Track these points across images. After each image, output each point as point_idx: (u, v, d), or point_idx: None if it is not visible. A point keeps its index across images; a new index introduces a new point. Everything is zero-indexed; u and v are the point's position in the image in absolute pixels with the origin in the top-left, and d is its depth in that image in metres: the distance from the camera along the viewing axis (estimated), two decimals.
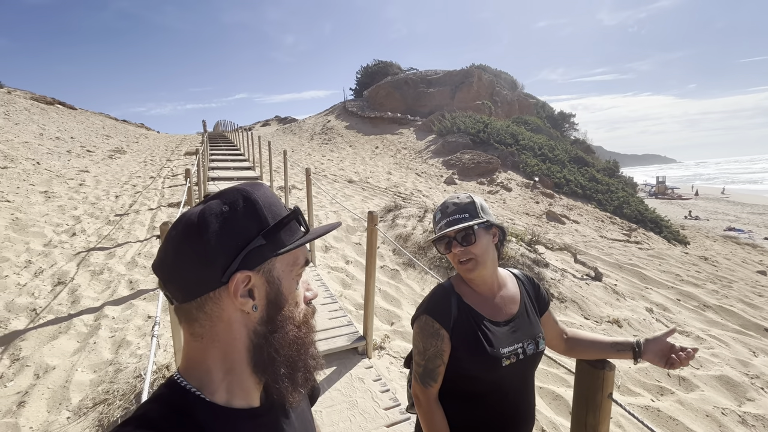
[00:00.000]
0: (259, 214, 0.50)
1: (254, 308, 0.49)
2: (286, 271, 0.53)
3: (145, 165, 11.54)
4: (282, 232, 0.52)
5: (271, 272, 0.51)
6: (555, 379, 3.26)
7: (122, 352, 2.93)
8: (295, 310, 0.54)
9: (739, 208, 28.25)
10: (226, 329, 0.49)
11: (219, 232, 0.47)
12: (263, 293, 0.51)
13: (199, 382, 0.49)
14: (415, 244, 5.83)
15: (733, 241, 15.42)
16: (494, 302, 1.08)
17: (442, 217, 1.06)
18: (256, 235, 0.49)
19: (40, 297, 3.70)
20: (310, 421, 0.66)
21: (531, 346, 1.06)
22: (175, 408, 0.47)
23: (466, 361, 1.01)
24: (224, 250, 0.47)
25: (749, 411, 3.09)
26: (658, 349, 1.02)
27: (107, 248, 5.01)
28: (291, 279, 0.53)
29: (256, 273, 0.49)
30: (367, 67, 32.99)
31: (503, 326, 1.05)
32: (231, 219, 0.48)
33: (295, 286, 0.54)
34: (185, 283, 0.48)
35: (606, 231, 12.36)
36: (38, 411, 2.37)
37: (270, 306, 0.51)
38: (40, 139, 11.40)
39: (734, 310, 5.31)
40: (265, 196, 0.53)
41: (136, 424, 0.44)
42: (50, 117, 15.29)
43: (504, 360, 1.00)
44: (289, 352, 0.52)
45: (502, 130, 20.50)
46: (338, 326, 3.28)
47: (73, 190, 7.51)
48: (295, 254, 0.54)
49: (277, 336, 0.51)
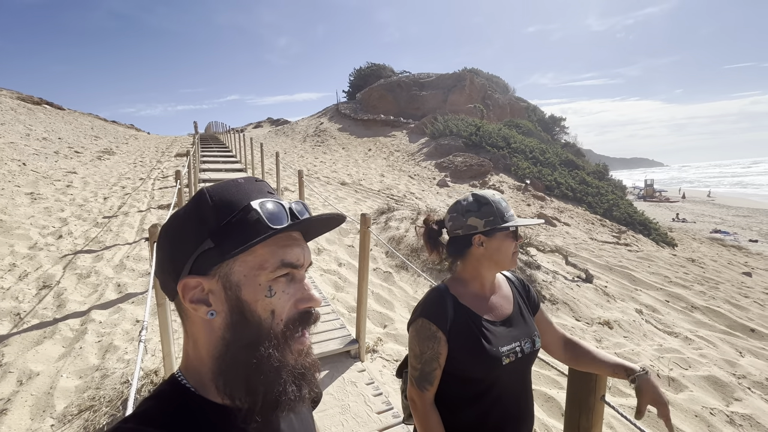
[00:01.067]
0: (208, 214, 0.47)
1: (210, 315, 0.47)
2: (249, 276, 0.47)
3: (135, 166, 11.38)
4: (234, 233, 0.46)
5: (229, 277, 0.47)
6: (547, 380, 3.27)
7: (109, 358, 2.87)
8: (268, 322, 0.48)
9: (725, 210, 28.86)
10: (198, 331, 0.49)
11: (174, 236, 0.49)
12: (222, 299, 0.47)
13: (195, 380, 0.49)
14: (408, 246, 5.83)
15: (719, 243, 15.73)
16: (490, 302, 1.09)
17: (508, 207, 1.09)
18: (206, 238, 0.46)
19: (24, 301, 3.61)
20: (310, 424, 0.64)
21: (528, 345, 1.07)
22: (175, 405, 0.46)
23: (466, 361, 1.01)
24: (178, 254, 0.48)
25: (737, 411, 3.14)
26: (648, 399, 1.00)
27: (95, 251, 4.91)
28: (257, 285, 0.47)
29: (210, 278, 0.47)
30: (360, 69, 33.05)
31: (500, 325, 1.06)
32: (183, 222, 0.48)
33: (264, 293, 0.47)
34: (162, 283, 0.50)
35: (596, 233, 12.51)
36: (21, 418, 2.31)
37: (233, 313, 0.47)
38: (27, 140, 11.17)
39: (721, 311, 5.40)
40: (224, 193, 0.48)
41: (137, 420, 0.43)
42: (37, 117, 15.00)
43: (504, 358, 1.01)
44: (247, 371, 0.46)
45: (495, 133, 20.67)
46: (331, 329, 3.25)
47: (60, 192, 7.36)
48: (262, 256, 0.47)
49: (236, 348, 0.47)
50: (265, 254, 0.48)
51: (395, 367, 3.17)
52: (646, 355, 3.90)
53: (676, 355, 3.95)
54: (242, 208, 0.47)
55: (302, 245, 0.52)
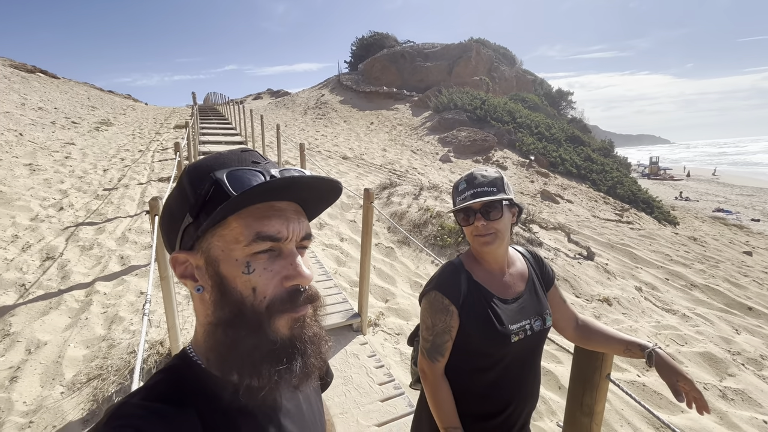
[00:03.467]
0: (186, 190, 0.47)
1: (197, 290, 0.47)
2: (226, 251, 0.45)
3: (134, 138, 11.21)
4: (207, 206, 0.44)
5: (209, 252, 0.46)
6: (546, 355, 3.33)
7: (115, 328, 2.92)
8: (250, 299, 0.45)
9: (729, 189, 28.64)
10: (197, 306, 0.49)
11: (165, 213, 0.50)
12: (206, 275, 0.47)
13: (203, 355, 0.49)
14: (410, 221, 5.81)
15: (721, 222, 15.70)
16: (503, 280, 1.08)
17: (467, 188, 1.03)
18: (185, 214, 0.46)
19: (28, 272, 3.64)
20: (319, 407, 0.64)
21: (538, 323, 1.06)
22: (184, 379, 0.47)
23: (476, 337, 1.02)
24: (169, 231, 0.49)
25: (729, 386, 3.21)
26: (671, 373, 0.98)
27: (96, 223, 4.91)
28: (233, 260, 0.45)
29: (195, 254, 0.47)
30: (362, 38, 31.94)
31: (511, 303, 1.05)
32: (173, 198, 0.49)
33: (242, 268, 0.45)
34: None
35: (599, 211, 12.47)
36: (31, 386, 2.36)
37: (215, 289, 0.46)
38: (22, 109, 10.96)
39: (720, 289, 5.44)
40: (204, 166, 0.47)
41: (144, 394, 0.44)
42: (32, 86, 14.65)
43: (513, 336, 1.01)
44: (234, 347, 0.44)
45: (500, 108, 20.21)
46: (333, 303, 3.28)
47: (59, 163, 7.28)
48: (237, 229, 0.45)
49: (221, 324, 0.45)
50: (240, 227, 0.45)
51: (396, 340, 3.23)
52: (643, 332, 3.96)
53: (673, 332, 4.00)
54: (210, 182, 0.45)
55: (286, 216, 0.47)
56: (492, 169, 1.07)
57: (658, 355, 1.00)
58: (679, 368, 0.97)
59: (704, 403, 0.93)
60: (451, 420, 1.02)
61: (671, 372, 0.97)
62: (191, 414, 0.43)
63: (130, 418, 0.40)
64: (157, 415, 0.41)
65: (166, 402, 0.43)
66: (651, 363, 1.01)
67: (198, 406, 0.44)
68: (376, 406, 2.28)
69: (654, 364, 1.00)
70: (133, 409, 0.41)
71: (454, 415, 1.02)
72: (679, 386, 0.96)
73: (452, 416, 1.02)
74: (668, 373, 0.97)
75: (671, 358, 1.00)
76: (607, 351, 1.13)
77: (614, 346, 1.08)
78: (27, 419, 2.11)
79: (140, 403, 0.42)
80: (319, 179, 0.47)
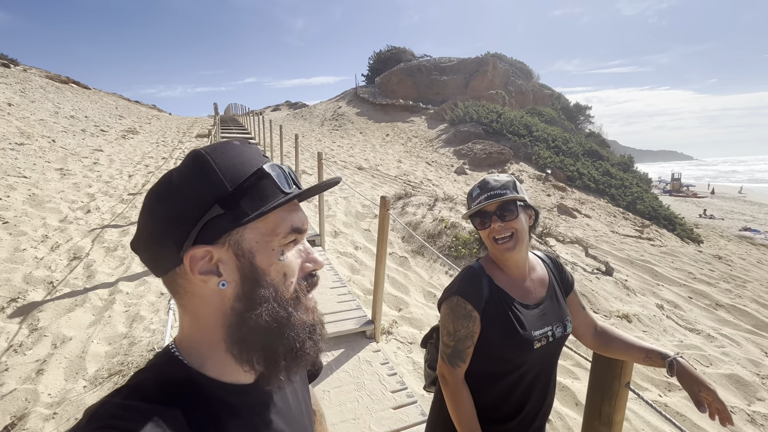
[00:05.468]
0: (213, 179, 0.44)
1: (222, 285, 0.45)
2: (261, 242, 0.46)
3: (158, 146, 11.63)
4: (245, 198, 0.44)
5: (240, 244, 0.45)
6: (562, 370, 3.25)
7: (136, 326, 3.00)
8: (281, 286, 0.47)
9: (756, 208, 27.55)
10: (202, 304, 0.46)
11: (169, 204, 0.44)
12: (233, 268, 0.45)
13: (189, 354, 0.47)
14: (424, 232, 5.81)
15: (748, 242, 15.09)
16: (524, 285, 1.07)
17: (481, 192, 1.04)
18: (212, 204, 0.43)
19: (56, 271, 3.79)
20: (306, 396, 0.64)
21: (559, 329, 1.05)
22: (168, 378, 0.45)
23: (498, 343, 1.01)
24: (177, 224, 0.43)
25: (759, 410, 3.06)
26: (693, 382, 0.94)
27: (121, 226, 5.09)
28: (270, 250, 0.46)
29: (219, 247, 0.44)
30: (379, 53, 32.55)
31: (533, 309, 1.04)
32: (180, 189, 0.44)
33: (278, 257, 0.47)
34: (152, 259, 0.46)
35: (618, 226, 12.18)
36: (56, 379, 2.45)
37: (245, 282, 0.45)
38: (56, 117, 11.53)
39: (747, 309, 5.21)
40: (226, 156, 0.45)
41: (126, 393, 0.42)
42: (65, 96, 15.43)
43: (536, 342, 1.00)
44: (267, 336, 0.46)
45: (516, 121, 20.15)
46: (347, 309, 3.30)
47: (87, 169, 7.61)
48: (274, 221, 0.46)
49: (253, 315, 0.45)
50: (277, 220, 0.47)
51: (410, 349, 3.21)
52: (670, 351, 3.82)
53: (697, 352, 3.85)
54: (254, 172, 0.45)
55: (301, 210, 0.52)
56: (504, 175, 1.08)
57: (680, 364, 0.96)
58: (702, 378, 0.94)
59: (727, 415, 0.90)
60: (472, 426, 1.01)
61: (693, 382, 0.94)
62: (176, 413, 0.41)
63: (112, 419, 0.38)
64: (141, 415, 0.39)
65: (150, 401, 0.41)
66: (672, 372, 0.97)
67: (183, 405, 0.42)
68: (388, 413, 2.26)
69: (675, 373, 0.97)
70: (115, 409, 0.39)
71: (474, 422, 1.01)
72: (702, 397, 0.92)
73: (473, 422, 1.01)
74: (690, 383, 0.94)
75: (693, 368, 0.97)
76: (626, 359, 1.10)
77: (634, 354, 1.05)
78: (51, 410, 2.19)
79: (122, 403, 0.40)
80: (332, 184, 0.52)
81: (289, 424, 0.54)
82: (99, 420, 0.37)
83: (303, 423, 0.59)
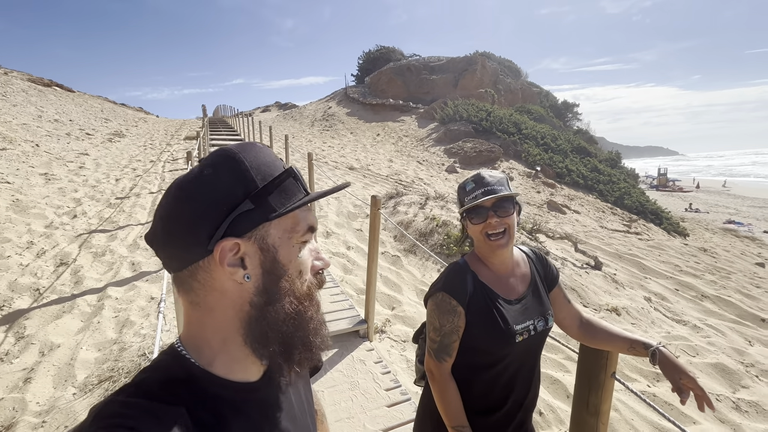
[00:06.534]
0: (245, 176, 0.46)
1: (246, 278, 0.46)
2: (283, 238, 0.48)
3: (145, 149, 11.47)
4: (273, 195, 0.47)
5: (265, 239, 0.47)
6: (553, 364, 3.30)
7: (126, 332, 2.96)
8: (297, 281, 0.49)
9: (740, 201, 28.23)
10: (220, 298, 0.47)
11: (200, 197, 0.45)
12: (257, 262, 0.47)
13: (196, 351, 0.47)
14: (416, 231, 5.84)
15: (733, 234, 15.45)
16: (508, 281, 1.10)
17: (476, 187, 1.05)
18: (243, 199, 0.45)
19: (42, 277, 3.72)
20: (309, 396, 0.65)
21: (541, 323, 1.08)
22: (173, 376, 0.45)
23: (481, 337, 1.04)
24: (207, 217, 0.44)
25: (743, 398, 3.14)
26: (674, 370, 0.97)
27: (109, 230, 5.01)
28: (291, 246, 0.49)
29: (246, 240, 0.46)
30: (369, 52, 32.52)
31: (515, 304, 1.07)
32: (212, 183, 0.45)
33: (297, 254, 0.49)
34: (174, 252, 0.46)
35: (606, 221, 12.37)
36: (44, 387, 2.41)
37: (266, 276, 0.47)
38: (39, 121, 11.29)
39: (732, 300, 5.35)
40: (255, 155, 0.48)
41: (131, 391, 0.42)
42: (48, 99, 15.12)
43: (517, 336, 1.03)
44: (285, 328, 0.48)
45: (505, 119, 20.33)
46: (340, 309, 3.30)
47: (73, 173, 7.48)
48: (295, 219, 0.49)
49: (273, 309, 0.47)
50: (297, 218, 0.50)
51: (403, 347, 3.23)
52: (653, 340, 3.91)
53: (684, 343, 3.94)
54: (285, 171, 0.49)
55: (313, 211, 0.55)
56: (497, 171, 1.10)
57: (662, 353, 1.00)
58: (683, 366, 0.97)
59: (708, 400, 0.93)
60: (459, 419, 1.03)
61: (674, 370, 0.97)
62: (181, 410, 0.41)
63: (117, 417, 0.38)
64: (146, 413, 0.39)
65: (155, 399, 0.41)
66: (654, 361, 1.01)
67: (188, 403, 0.42)
68: (382, 411, 2.28)
69: (657, 362, 1.00)
70: (120, 408, 0.39)
71: (461, 415, 1.03)
72: (683, 384, 0.95)
73: (460, 415, 1.03)
74: (671, 371, 0.97)
75: (675, 357, 1.00)
76: (611, 349, 1.13)
77: (618, 344, 1.09)
78: (40, 419, 2.15)
79: (127, 401, 0.40)
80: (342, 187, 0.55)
81: (293, 423, 0.55)
82: (104, 419, 0.38)
83: (306, 422, 0.59)
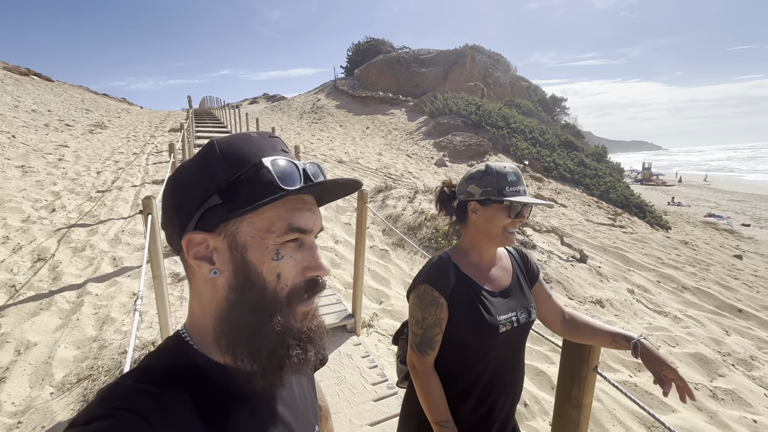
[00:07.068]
0: (215, 169, 0.44)
1: (214, 273, 0.45)
2: (256, 237, 0.45)
3: (128, 141, 11.16)
4: (244, 190, 0.44)
5: (235, 237, 0.45)
6: (539, 356, 3.35)
7: (106, 329, 2.89)
8: (274, 286, 0.46)
9: (720, 195, 29.04)
10: (203, 288, 0.47)
11: (181, 188, 0.46)
12: (226, 259, 0.45)
13: (198, 338, 0.48)
14: (405, 224, 5.83)
15: (713, 227, 15.90)
16: (490, 273, 1.10)
17: (518, 182, 1.05)
18: (213, 193, 0.44)
19: (19, 273, 3.60)
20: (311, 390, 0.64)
21: (524, 315, 1.08)
22: (177, 361, 0.45)
23: (464, 328, 1.03)
24: (182, 209, 0.45)
25: (720, 386, 3.24)
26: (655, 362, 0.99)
27: (89, 225, 4.87)
28: (264, 248, 0.45)
29: (216, 236, 0.45)
30: (358, 44, 32.19)
31: (498, 296, 1.07)
32: (191, 174, 0.46)
33: (271, 256, 0.45)
34: (168, 238, 0.49)
35: (592, 215, 12.58)
36: (20, 387, 2.33)
37: (237, 274, 0.45)
38: (15, 112, 10.88)
39: (711, 291, 5.50)
40: (234, 147, 0.46)
41: (136, 376, 0.43)
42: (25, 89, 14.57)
43: (501, 327, 1.03)
44: (249, 332, 0.45)
45: (495, 113, 20.40)
46: (327, 304, 3.28)
47: (51, 165, 7.23)
48: (269, 219, 0.45)
49: (239, 310, 0.45)
50: (273, 217, 0.45)
51: (390, 341, 3.23)
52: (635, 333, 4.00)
53: (665, 333, 4.04)
54: (253, 165, 0.45)
55: (313, 210, 0.49)
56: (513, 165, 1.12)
57: (643, 345, 1.02)
58: (664, 357, 0.99)
59: (689, 390, 0.95)
60: (443, 414, 1.02)
61: (656, 361, 0.99)
62: (184, 396, 0.42)
63: (123, 400, 0.39)
64: (150, 397, 0.40)
65: (159, 384, 0.42)
66: (636, 353, 1.02)
67: (191, 389, 0.43)
68: (369, 406, 2.28)
69: (639, 354, 1.02)
70: (126, 391, 0.40)
71: (445, 409, 1.03)
72: (664, 375, 0.97)
73: (444, 410, 1.03)
74: (653, 363, 0.99)
75: (656, 349, 1.02)
76: (594, 343, 1.14)
77: (601, 338, 1.10)
78: (15, 420, 2.09)
79: (132, 385, 0.41)
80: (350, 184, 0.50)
81: (294, 415, 0.54)
82: (110, 401, 0.39)
83: (308, 416, 0.58)
